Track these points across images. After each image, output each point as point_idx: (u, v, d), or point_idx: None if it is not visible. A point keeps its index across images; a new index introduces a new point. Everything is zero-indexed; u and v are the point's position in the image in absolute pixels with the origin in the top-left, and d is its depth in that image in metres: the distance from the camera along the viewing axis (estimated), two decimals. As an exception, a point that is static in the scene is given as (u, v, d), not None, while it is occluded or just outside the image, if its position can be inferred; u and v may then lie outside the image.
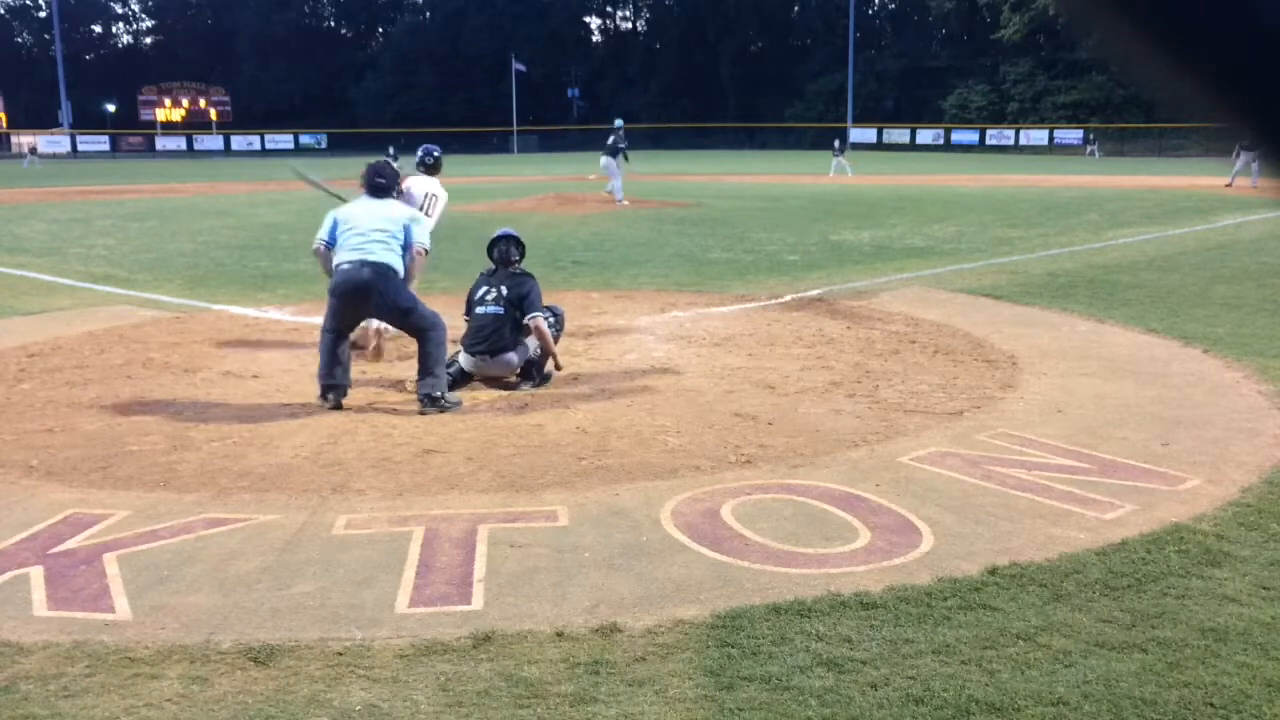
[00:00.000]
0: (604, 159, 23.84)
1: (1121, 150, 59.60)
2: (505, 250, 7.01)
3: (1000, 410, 6.10)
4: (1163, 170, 38.38)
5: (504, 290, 6.75)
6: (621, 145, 23.73)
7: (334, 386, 6.24)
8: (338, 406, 6.23)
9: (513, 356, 6.73)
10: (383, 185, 6.61)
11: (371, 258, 6.20)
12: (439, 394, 6.18)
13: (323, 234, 6.46)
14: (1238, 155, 24.97)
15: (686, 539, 4.14)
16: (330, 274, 6.34)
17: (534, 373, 6.80)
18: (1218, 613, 3.46)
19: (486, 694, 3.00)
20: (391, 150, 45.71)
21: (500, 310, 6.69)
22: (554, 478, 4.92)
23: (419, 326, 6.32)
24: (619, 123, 24.15)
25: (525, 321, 6.67)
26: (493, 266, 7.03)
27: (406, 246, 6.39)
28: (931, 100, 74.32)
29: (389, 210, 6.50)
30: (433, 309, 6.47)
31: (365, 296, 6.22)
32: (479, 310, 6.77)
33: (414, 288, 6.55)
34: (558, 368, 6.98)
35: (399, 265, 6.29)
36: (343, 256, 6.28)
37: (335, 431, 5.73)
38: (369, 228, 6.31)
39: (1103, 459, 5.14)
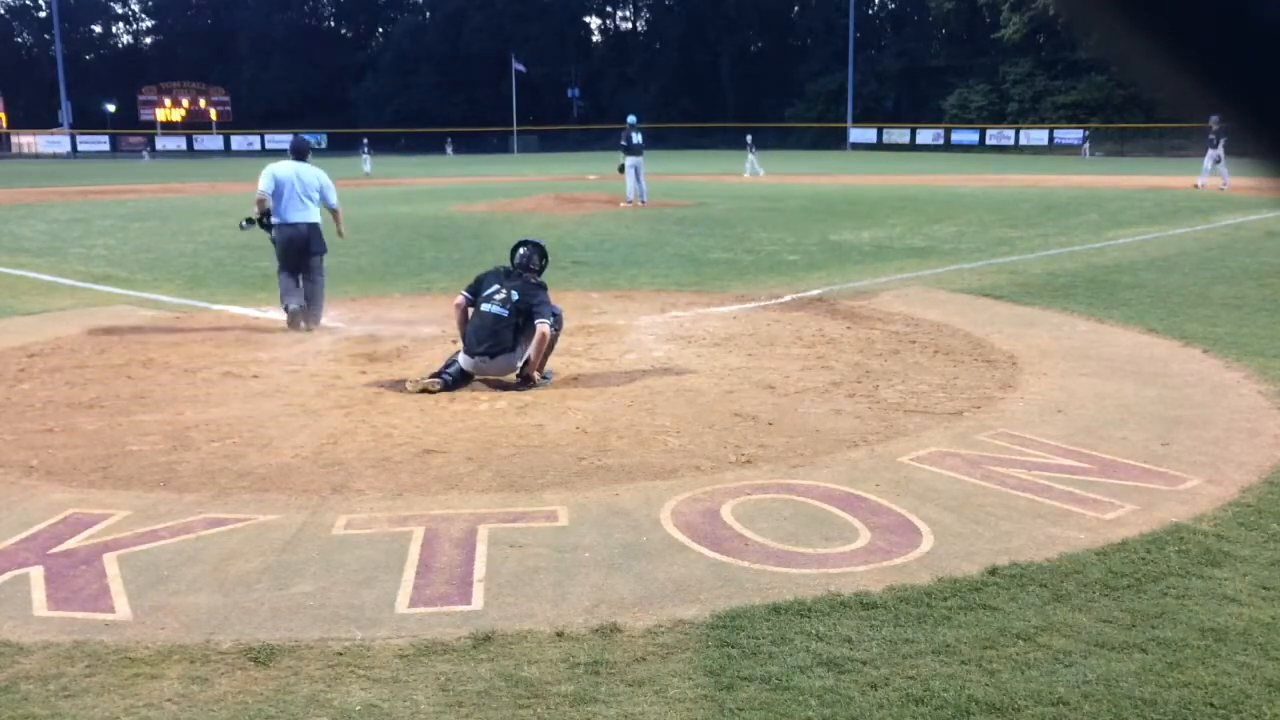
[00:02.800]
0: (628, 159, 23.00)
1: (1121, 150, 59.56)
2: (527, 256, 6.99)
3: (1000, 410, 6.10)
4: (1163, 170, 38.37)
5: (514, 295, 6.70)
6: (624, 143, 23.24)
7: (294, 303, 8.75)
8: (297, 320, 8.73)
9: (512, 357, 6.71)
10: (304, 151, 9.17)
11: (309, 219, 8.87)
12: (319, 316, 8.94)
13: (265, 187, 8.79)
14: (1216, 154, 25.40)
15: (686, 539, 4.14)
16: (268, 214, 8.84)
17: (532, 376, 6.77)
18: (1218, 613, 3.46)
19: (486, 694, 3.00)
20: (365, 142, 47.89)
21: (505, 313, 6.65)
22: (554, 478, 4.92)
23: (320, 268, 8.98)
24: (632, 119, 23.55)
25: (536, 323, 6.61)
26: (509, 268, 7.00)
27: (331, 207, 9.10)
28: (931, 100, 74.32)
29: (309, 173, 8.93)
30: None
31: (305, 246, 8.85)
32: (484, 307, 6.72)
33: (343, 226, 9.40)
34: (539, 376, 6.77)
35: (320, 219, 9.00)
36: (289, 215, 8.80)
37: (335, 431, 5.73)
38: (302, 192, 8.81)
39: (1103, 459, 5.14)
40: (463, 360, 6.72)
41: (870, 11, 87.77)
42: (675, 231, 17.37)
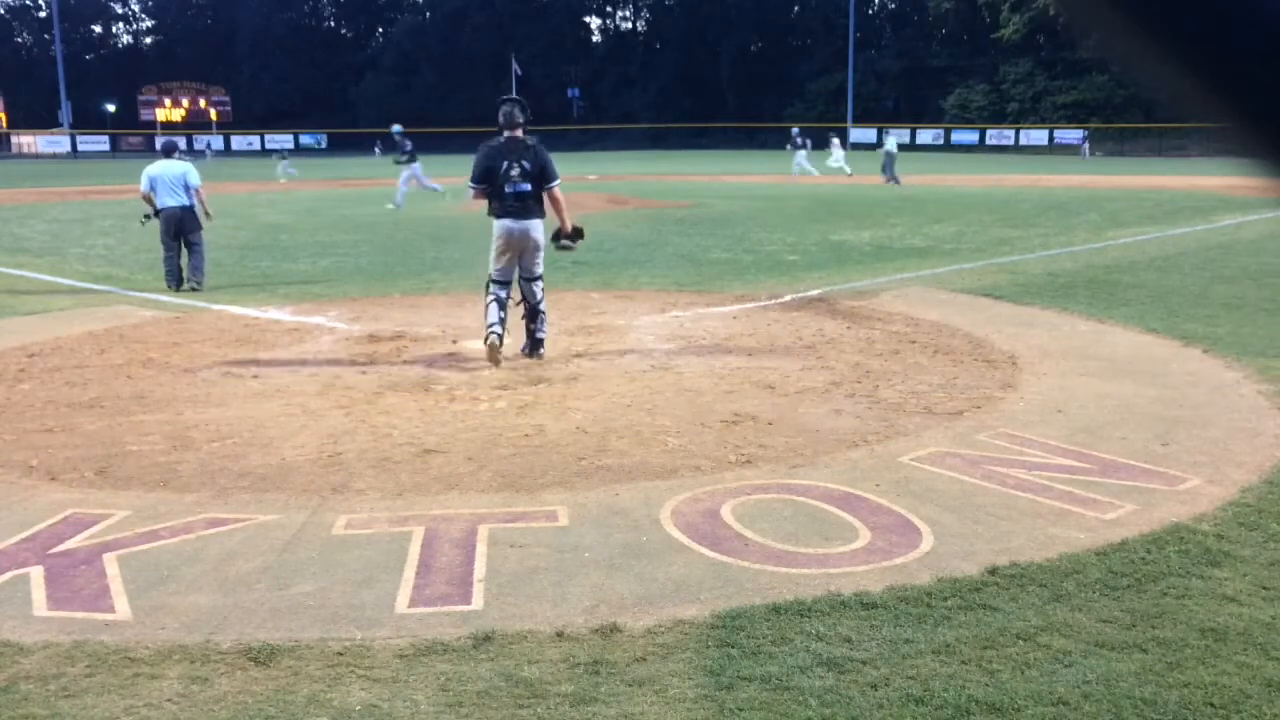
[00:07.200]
0: (413, 166, 22.18)
1: (1121, 150, 59.52)
2: (510, 112, 7.39)
3: (1000, 410, 6.10)
4: (1163, 170, 38.37)
5: (526, 165, 7.20)
6: (406, 153, 22.32)
7: (176, 271, 11.38)
8: (179, 287, 11.18)
9: (538, 225, 7.38)
10: (172, 150, 11.83)
11: (182, 203, 11.37)
12: (203, 278, 11.40)
13: (145, 186, 11.41)
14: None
15: (686, 539, 4.14)
16: (154, 206, 11.39)
17: (535, 349, 7.51)
18: (1218, 613, 3.46)
19: (486, 694, 3.00)
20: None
21: (528, 187, 7.22)
22: (554, 478, 4.92)
23: (200, 240, 11.57)
24: (397, 128, 22.60)
25: (547, 188, 7.26)
26: (503, 139, 7.33)
27: (192, 188, 11.44)
28: (931, 100, 74.29)
29: (177, 167, 11.48)
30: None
31: (181, 224, 11.33)
32: (508, 189, 7.20)
33: (208, 208, 11.79)
34: (574, 235, 7.68)
35: (191, 203, 11.48)
36: (165, 201, 11.32)
37: (335, 431, 5.73)
38: (172, 183, 11.34)
39: (1103, 459, 5.14)
40: (498, 224, 7.25)
41: (870, 11, 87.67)
42: (675, 231, 17.37)
